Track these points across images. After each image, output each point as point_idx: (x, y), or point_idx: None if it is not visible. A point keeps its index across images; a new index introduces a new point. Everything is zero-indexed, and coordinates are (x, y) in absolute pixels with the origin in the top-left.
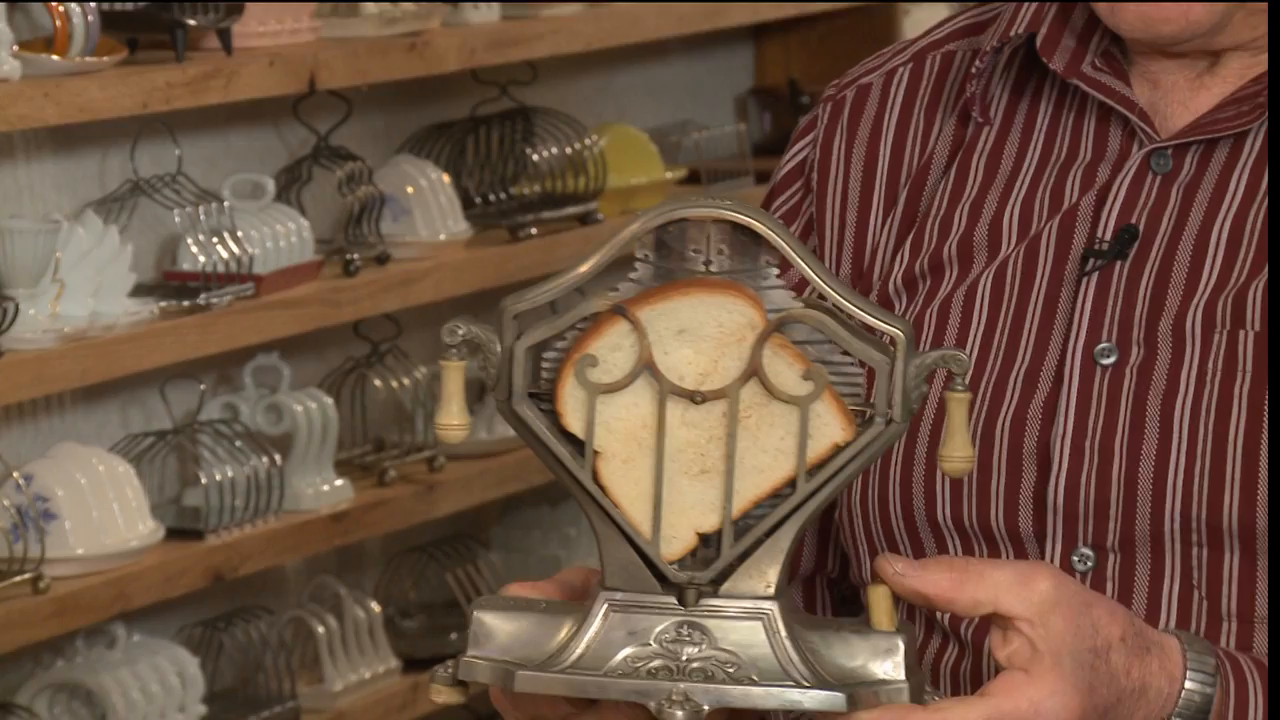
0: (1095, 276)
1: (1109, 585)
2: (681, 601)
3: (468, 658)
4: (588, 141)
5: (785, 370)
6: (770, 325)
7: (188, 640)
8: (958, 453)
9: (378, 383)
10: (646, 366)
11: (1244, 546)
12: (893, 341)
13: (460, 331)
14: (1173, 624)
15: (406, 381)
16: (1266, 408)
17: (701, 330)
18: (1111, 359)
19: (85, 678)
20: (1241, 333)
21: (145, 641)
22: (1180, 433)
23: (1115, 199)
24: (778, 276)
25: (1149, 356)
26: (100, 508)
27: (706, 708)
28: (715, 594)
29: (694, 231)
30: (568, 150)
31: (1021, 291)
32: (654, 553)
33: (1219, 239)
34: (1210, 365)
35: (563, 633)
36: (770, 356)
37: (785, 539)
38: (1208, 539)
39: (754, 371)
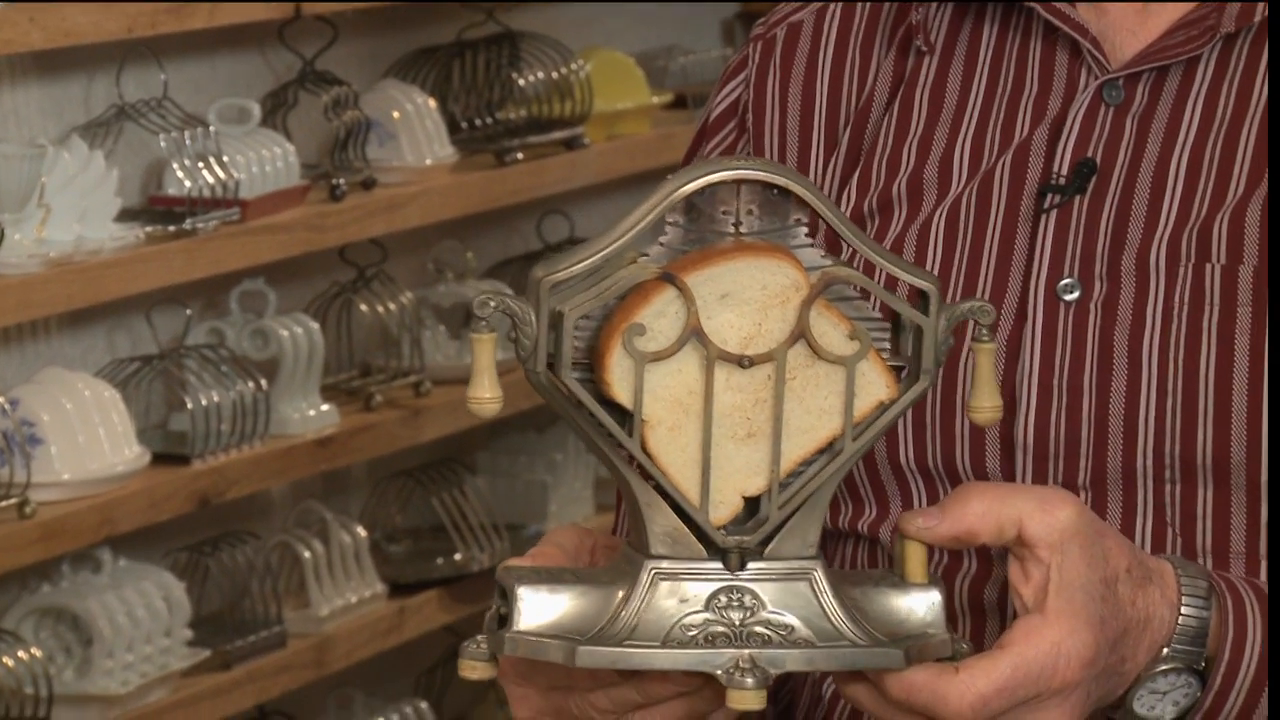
0: (1055, 212)
1: None
2: (727, 566)
3: (515, 634)
4: (574, 66)
5: (831, 331)
6: (817, 286)
7: (174, 565)
8: (986, 402)
9: (364, 308)
10: (694, 333)
11: (1218, 481)
12: (924, 295)
13: (492, 304)
14: None
15: (392, 306)
16: (1236, 341)
17: (745, 294)
18: (1075, 295)
19: (71, 602)
20: (1208, 266)
21: (131, 566)
22: (1149, 368)
23: (1070, 132)
24: (807, 235)
25: (1113, 291)
26: (86, 433)
27: (774, 673)
28: (760, 556)
29: (724, 193)
30: (554, 75)
31: (976, 228)
32: (703, 519)
33: (1178, 171)
34: (1176, 299)
35: (610, 604)
36: (815, 317)
37: (824, 497)
38: (1181, 475)
39: (801, 333)
